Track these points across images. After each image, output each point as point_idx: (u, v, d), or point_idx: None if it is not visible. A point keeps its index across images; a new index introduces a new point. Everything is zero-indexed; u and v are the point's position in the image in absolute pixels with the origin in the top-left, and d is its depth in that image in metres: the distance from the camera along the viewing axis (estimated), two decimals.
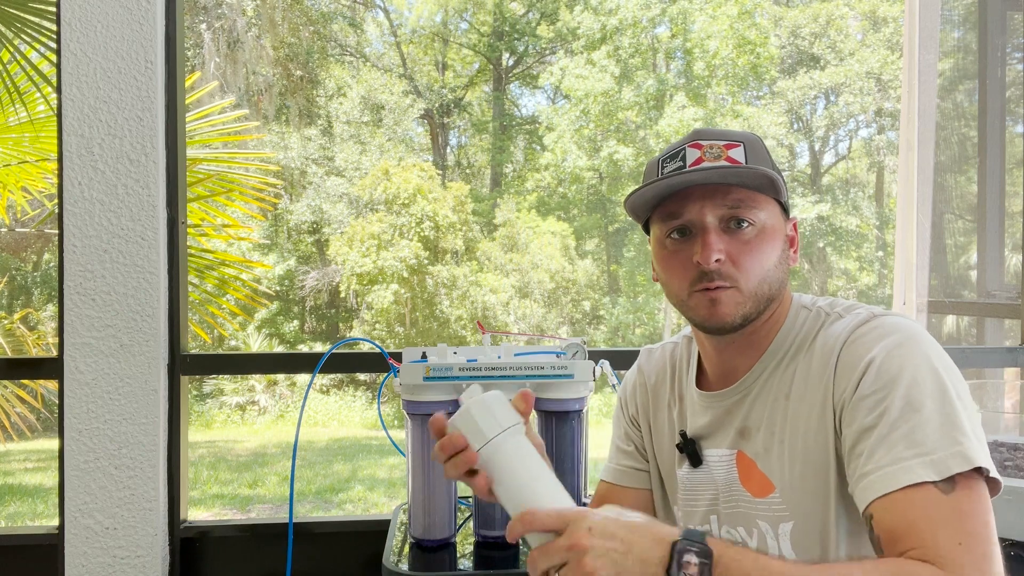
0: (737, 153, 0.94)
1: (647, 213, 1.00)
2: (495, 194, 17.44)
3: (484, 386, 0.98)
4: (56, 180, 1.70)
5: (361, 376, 13.04)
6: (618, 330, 15.59)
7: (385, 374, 1.53)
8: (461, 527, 1.48)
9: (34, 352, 4.30)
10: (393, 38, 18.28)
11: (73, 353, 1.60)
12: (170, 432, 1.67)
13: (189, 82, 3.90)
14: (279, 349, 14.84)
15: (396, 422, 10.28)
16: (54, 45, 2.56)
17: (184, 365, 1.69)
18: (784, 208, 0.99)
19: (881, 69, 14.87)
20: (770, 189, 0.94)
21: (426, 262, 14.05)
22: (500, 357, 1.40)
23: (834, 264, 16.17)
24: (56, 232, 1.77)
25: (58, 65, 1.60)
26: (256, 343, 14.22)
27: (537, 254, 15.15)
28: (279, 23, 15.47)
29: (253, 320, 14.13)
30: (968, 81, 3.24)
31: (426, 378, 1.33)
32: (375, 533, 1.71)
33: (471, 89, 18.75)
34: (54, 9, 1.86)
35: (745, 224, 0.93)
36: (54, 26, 2.26)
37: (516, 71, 18.95)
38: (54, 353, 1.79)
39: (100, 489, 1.62)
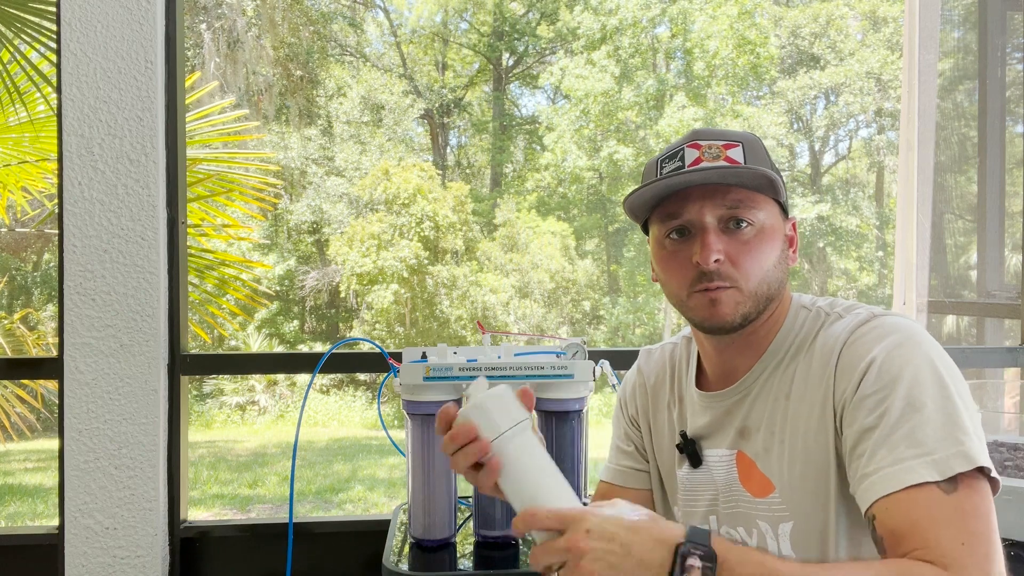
0: (736, 153, 0.94)
1: (646, 213, 1.00)
2: (495, 194, 17.44)
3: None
4: (56, 180, 1.70)
5: (361, 376, 13.05)
6: (618, 330, 15.59)
7: (385, 374, 1.53)
8: (461, 527, 1.48)
9: (34, 352, 4.31)
10: (393, 38, 18.29)
11: (73, 353, 1.61)
12: (170, 432, 1.67)
13: (189, 82, 3.90)
14: (279, 349, 14.84)
15: (396, 422, 10.28)
16: (54, 45, 2.56)
17: (184, 365, 1.69)
18: (783, 208, 0.99)
19: (881, 69, 14.87)
20: (769, 189, 0.94)
21: (426, 262, 14.05)
22: (500, 357, 1.40)
23: (834, 264, 16.17)
24: (56, 232, 1.77)
25: (58, 65, 1.60)
26: (256, 343, 14.22)
27: (537, 254, 15.15)
28: (279, 23, 15.47)
29: (253, 320, 14.13)
30: (968, 81, 3.24)
31: (426, 378, 1.33)
32: (375, 533, 1.71)
33: (471, 89, 18.75)
34: (54, 9, 1.86)
35: (744, 224, 0.93)
36: (54, 26, 2.26)
37: (516, 71, 18.95)
38: (54, 353, 1.79)
39: (100, 489, 1.62)
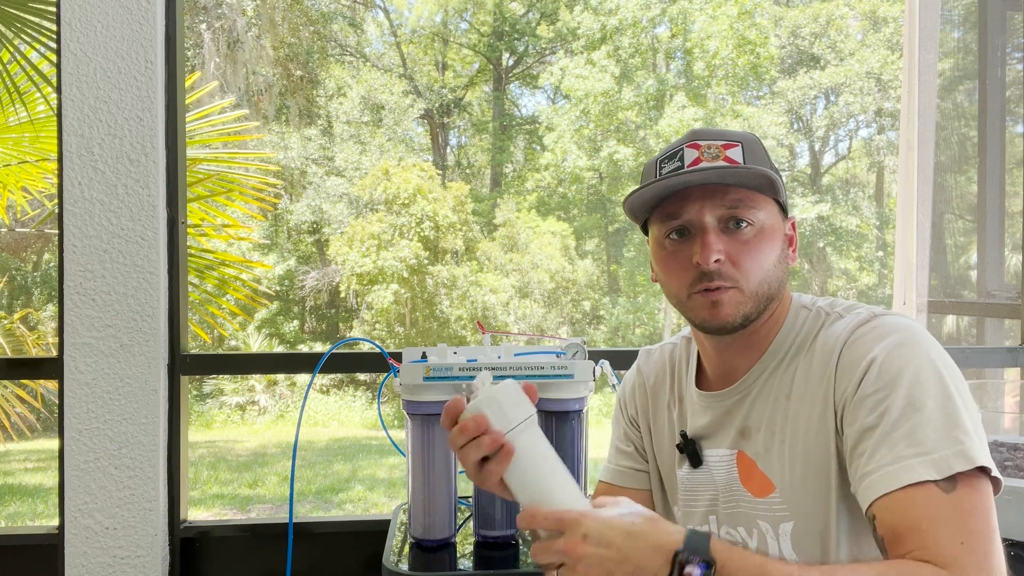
0: (735, 153, 0.94)
1: (646, 214, 1.00)
2: (495, 194, 17.44)
3: None
4: (56, 180, 1.70)
5: (361, 376, 13.04)
6: (618, 330, 15.59)
7: (385, 374, 1.53)
8: (461, 527, 1.48)
9: (34, 352, 4.31)
10: (393, 38, 18.29)
11: (73, 353, 1.61)
12: (170, 432, 1.67)
13: (189, 82, 3.90)
14: (279, 349, 14.84)
15: (396, 422, 10.28)
16: (54, 45, 2.56)
17: (184, 365, 1.69)
18: (782, 207, 0.99)
19: (881, 69, 14.87)
20: (769, 189, 0.94)
21: (426, 262, 14.05)
22: (500, 357, 1.40)
23: (834, 264, 16.17)
24: (56, 232, 1.77)
25: (58, 65, 1.60)
26: (256, 343, 14.22)
27: (537, 254, 15.14)
28: (279, 23, 15.47)
29: (253, 320, 14.13)
30: (968, 81, 3.24)
31: (426, 378, 1.33)
32: (375, 533, 1.71)
33: (471, 89, 18.75)
34: (54, 9, 1.86)
35: (744, 224, 0.93)
36: (54, 26, 2.27)
37: (516, 71, 18.95)
38: (54, 353, 1.79)
39: (100, 489, 1.62)
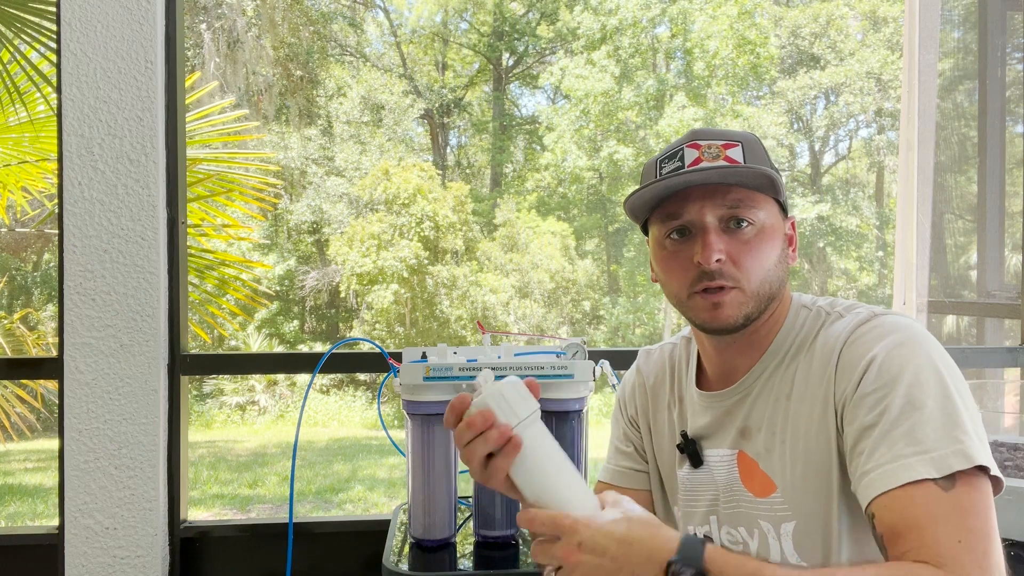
0: (735, 153, 0.94)
1: (646, 214, 1.00)
2: (495, 194, 17.44)
3: None
4: (56, 180, 1.70)
5: (361, 376, 13.05)
6: (618, 330, 15.59)
7: (385, 374, 1.53)
8: (461, 527, 1.48)
9: (34, 352, 4.31)
10: (393, 38, 18.29)
11: (73, 353, 1.61)
12: (170, 432, 1.67)
13: (189, 82, 3.90)
14: (279, 349, 14.84)
15: (396, 422, 10.28)
16: (54, 45, 2.56)
17: (184, 365, 1.69)
18: (783, 207, 0.99)
19: (881, 69, 14.87)
20: (769, 188, 0.94)
21: (426, 262, 14.06)
22: (500, 357, 1.40)
23: (834, 264, 16.17)
24: (56, 232, 1.77)
25: (58, 65, 1.60)
26: (256, 343, 14.22)
27: (537, 254, 15.15)
28: (279, 23, 15.47)
29: (253, 320, 14.13)
30: (968, 81, 3.24)
31: (426, 378, 1.33)
32: (375, 533, 1.71)
33: (471, 89, 18.75)
34: (54, 9, 1.86)
35: (745, 224, 0.93)
36: (54, 26, 2.27)
37: (516, 71, 18.95)
38: (54, 353, 1.79)
39: (100, 489, 1.62)
